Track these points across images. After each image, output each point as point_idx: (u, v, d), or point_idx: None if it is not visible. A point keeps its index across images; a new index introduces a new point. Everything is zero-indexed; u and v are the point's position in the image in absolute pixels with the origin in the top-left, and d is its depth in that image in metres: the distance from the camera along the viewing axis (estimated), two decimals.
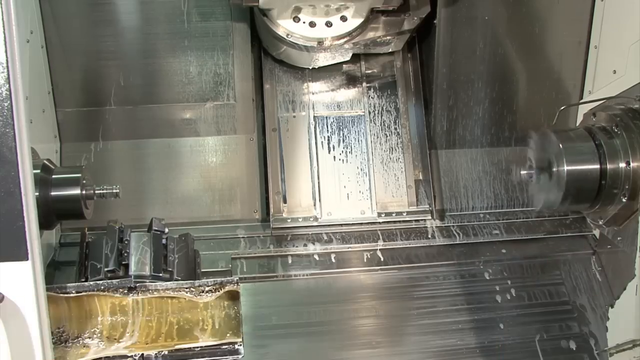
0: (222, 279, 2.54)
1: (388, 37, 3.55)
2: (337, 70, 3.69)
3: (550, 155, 2.91)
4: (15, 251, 2.09)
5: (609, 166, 2.82)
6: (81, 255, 2.78)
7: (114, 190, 2.95)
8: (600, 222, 2.96)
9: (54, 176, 2.86)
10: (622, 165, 2.79)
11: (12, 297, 2.11)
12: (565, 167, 2.82)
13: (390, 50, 3.67)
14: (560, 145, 2.84)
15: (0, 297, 2.08)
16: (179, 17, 3.46)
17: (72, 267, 3.07)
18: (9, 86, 2.03)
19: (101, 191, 2.94)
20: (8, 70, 2.02)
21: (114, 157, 3.48)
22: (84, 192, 2.87)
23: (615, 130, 2.85)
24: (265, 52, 3.68)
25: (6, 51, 2.03)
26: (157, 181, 3.50)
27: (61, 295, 2.44)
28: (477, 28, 3.45)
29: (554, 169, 2.88)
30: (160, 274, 2.63)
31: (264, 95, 3.62)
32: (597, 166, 2.83)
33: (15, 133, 2.03)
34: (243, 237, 3.38)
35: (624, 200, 2.79)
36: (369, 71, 3.71)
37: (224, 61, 3.53)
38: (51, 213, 2.83)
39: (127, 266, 2.64)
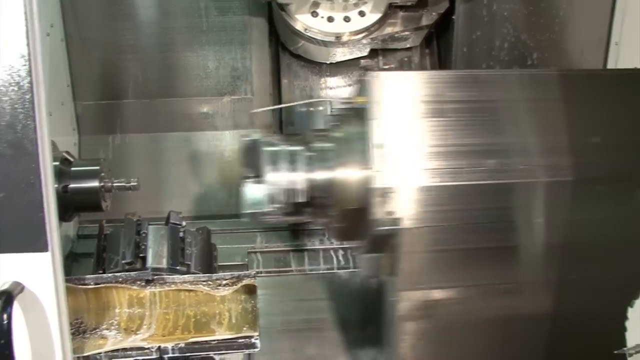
0: (239, 272, 2.54)
1: (406, 33, 3.55)
2: (355, 65, 3.69)
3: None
4: (35, 242, 2.09)
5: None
6: (99, 247, 2.80)
7: (132, 183, 2.96)
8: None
9: (72, 168, 2.87)
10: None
11: (32, 287, 2.12)
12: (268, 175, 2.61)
13: (408, 45, 3.67)
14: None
15: (20, 287, 2.08)
16: (196, 11, 3.48)
17: (90, 259, 3.07)
18: (31, 79, 2.03)
19: (119, 184, 2.96)
20: (30, 63, 2.02)
21: (132, 150, 3.51)
22: (102, 184, 2.88)
23: None
24: (283, 46, 3.68)
25: (28, 44, 2.03)
26: (174, 174, 3.52)
27: (80, 286, 2.45)
28: (495, 24, 3.44)
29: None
30: (178, 267, 2.63)
31: (281, 90, 3.64)
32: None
33: (36, 125, 2.03)
34: (259, 232, 3.40)
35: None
36: (387, 66, 3.71)
37: (242, 55, 3.54)
38: (69, 205, 2.84)
39: (144, 259, 2.64)
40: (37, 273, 2.11)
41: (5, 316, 1.98)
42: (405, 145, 2.46)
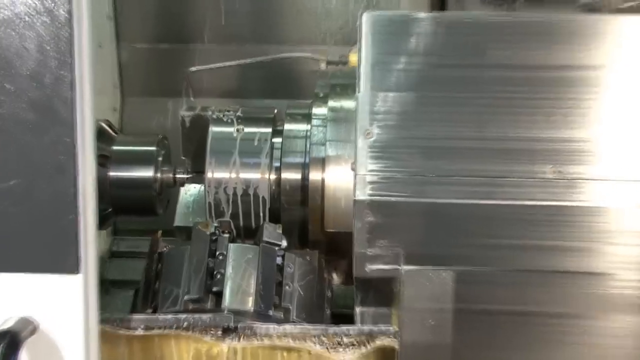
0: (371, 327, 2.55)
1: None
2: (571, 2, 3.62)
3: None
4: (60, 258, 2.14)
5: None
6: (148, 273, 2.87)
7: None
8: None
9: (114, 147, 2.97)
10: None
11: (50, 328, 2.18)
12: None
13: None
14: None
15: (31, 327, 2.14)
16: None
17: (128, 290, 3.18)
18: (70, 6, 2.07)
19: (184, 175, 3.02)
20: None
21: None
22: (158, 174, 2.97)
23: None
24: None
25: None
26: None
27: (121, 332, 2.51)
28: None
29: None
30: (270, 312, 2.67)
31: None
32: None
33: (75, 78, 2.09)
34: None
35: None
36: (628, 4, 3.62)
37: None
38: (106, 204, 2.93)
39: (219, 295, 2.69)
40: (60, 306, 2.17)
41: None
42: (415, 136, 2.48)
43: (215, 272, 2.72)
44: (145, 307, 2.81)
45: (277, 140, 2.91)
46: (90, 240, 2.17)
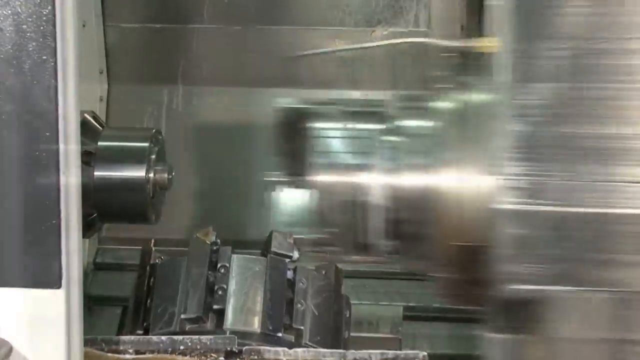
0: (397, 352, 2.55)
1: None
2: None
3: None
4: (40, 271, 2.14)
5: None
6: (139, 288, 2.87)
7: None
8: None
9: (100, 143, 2.96)
10: None
11: (27, 350, 2.18)
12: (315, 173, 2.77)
13: None
14: None
15: (5, 349, 2.15)
16: None
17: (114, 309, 3.17)
18: None
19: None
20: None
21: (203, 115, 3.58)
22: (151, 175, 2.97)
23: None
24: None
25: None
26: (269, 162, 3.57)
27: (109, 355, 2.51)
28: None
29: None
30: (280, 334, 2.67)
31: (484, 18, 3.63)
32: None
33: (58, 65, 2.09)
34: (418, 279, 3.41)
35: None
36: None
37: None
38: (90, 208, 2.94)
39: (221, 314, 2.69)
40: (39, 326, 2.17)
41: None
42: (567, 134, 2.39)
43: (216, 288, 2.72)
44: (136, 328, 2.80)
45: (392, 138, 2.87)
46: (73, 249, 2.15)
